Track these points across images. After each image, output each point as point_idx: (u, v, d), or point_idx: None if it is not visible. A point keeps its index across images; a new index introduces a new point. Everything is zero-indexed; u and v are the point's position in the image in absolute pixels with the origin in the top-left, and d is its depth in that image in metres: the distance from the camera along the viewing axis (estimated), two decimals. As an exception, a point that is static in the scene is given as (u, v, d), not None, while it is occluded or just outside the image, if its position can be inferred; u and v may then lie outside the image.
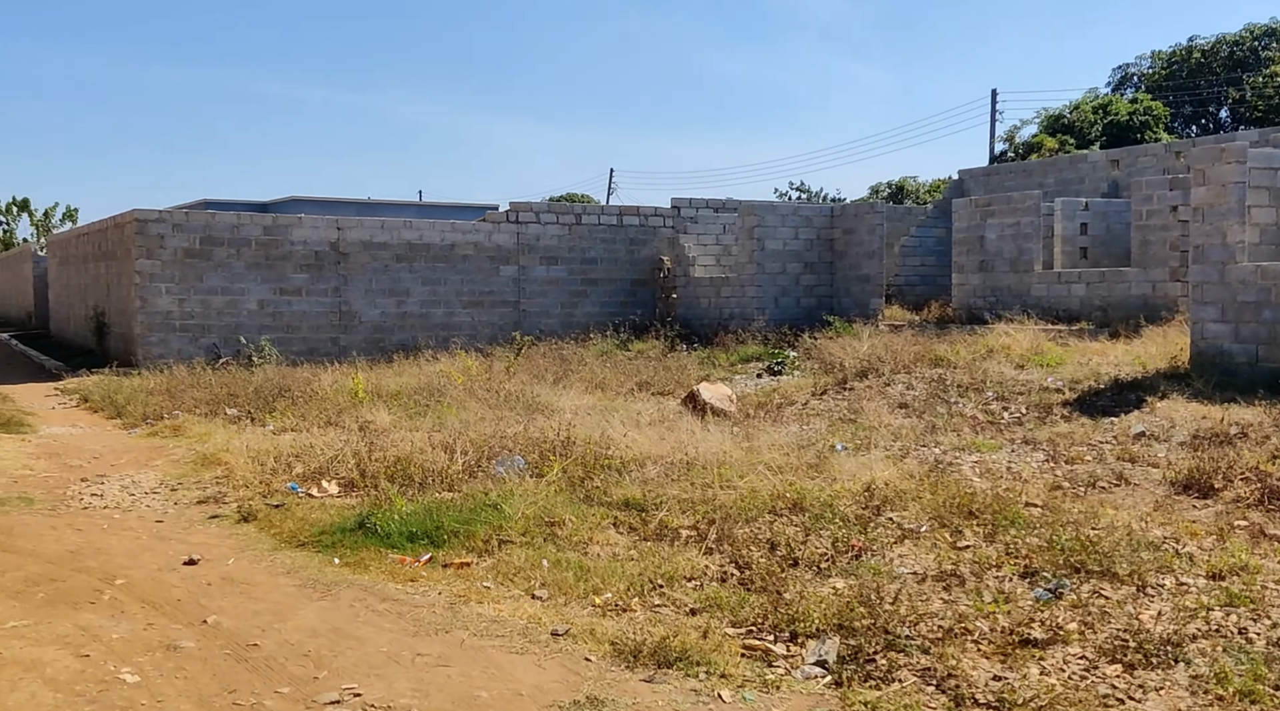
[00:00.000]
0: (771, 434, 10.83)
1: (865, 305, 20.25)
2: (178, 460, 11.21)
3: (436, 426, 11.76)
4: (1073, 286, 17.17)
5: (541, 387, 15.06)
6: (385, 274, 22.17)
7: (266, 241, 21.27)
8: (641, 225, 24.37)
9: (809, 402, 13.53)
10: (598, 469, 9.15)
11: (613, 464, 9.28)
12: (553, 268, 23.59)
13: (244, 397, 15.14)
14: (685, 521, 7.44)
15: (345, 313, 21.93)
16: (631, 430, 10.82)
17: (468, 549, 7.09)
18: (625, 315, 23.59)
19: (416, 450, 10.07)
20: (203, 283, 20.81)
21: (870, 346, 15.18)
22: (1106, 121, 30.99)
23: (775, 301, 20.92)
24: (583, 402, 13.86)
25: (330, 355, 21.33)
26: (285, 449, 10.78)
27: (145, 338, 20.42)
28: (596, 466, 9.19)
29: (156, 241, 20.50)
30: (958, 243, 19.35)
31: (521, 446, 10.23)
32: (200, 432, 12.37)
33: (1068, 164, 23.31)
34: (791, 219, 20.97)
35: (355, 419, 12.80)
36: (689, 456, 9.31)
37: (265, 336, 20.83)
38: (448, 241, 22.66)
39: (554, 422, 12.09)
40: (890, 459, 9.38)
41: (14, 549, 7.53)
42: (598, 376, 16.23)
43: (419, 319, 22.48)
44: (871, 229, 20.23)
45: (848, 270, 20.82)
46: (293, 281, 21.47)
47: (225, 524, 8.47)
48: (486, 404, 13.77)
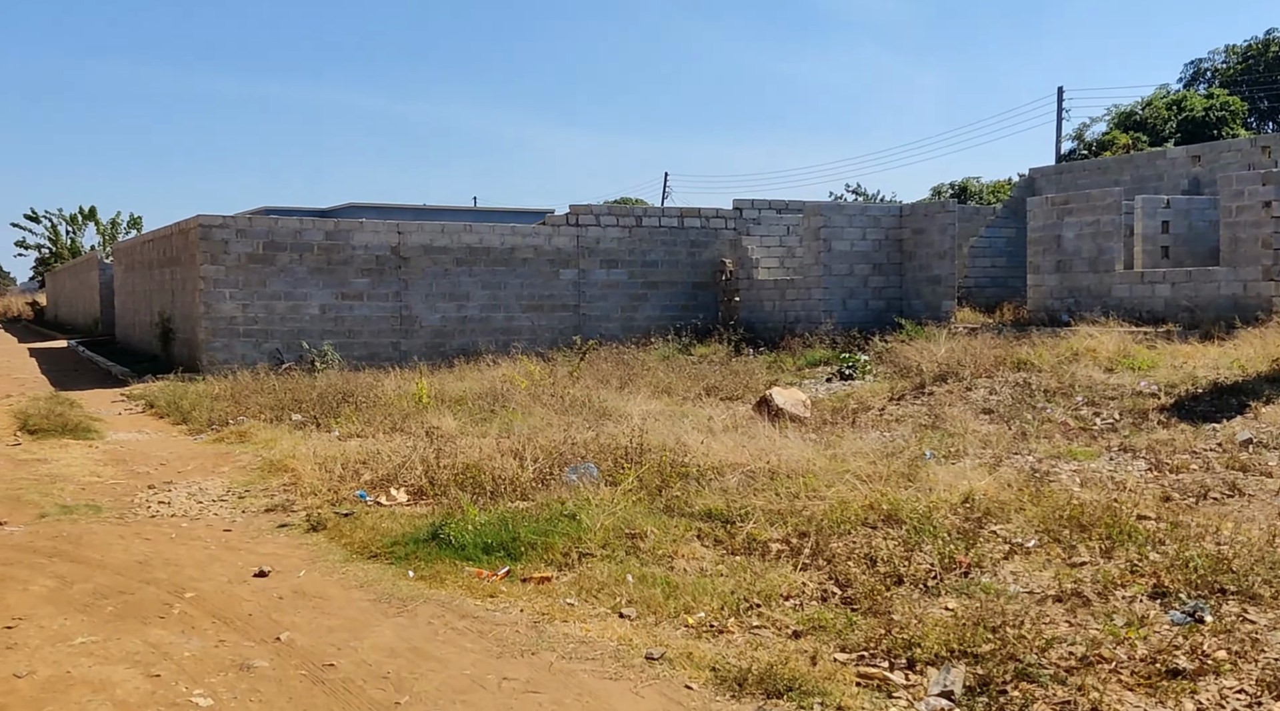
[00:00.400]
0: (853, 441, 10.38)
1: (936, 307, 19.67)
2: (244, 466, 11.04)
3: (504, 432, 11.47)
4: (1157, 287, 16.47)
5: (607, 392, 14.73)
6: (445, 278, 22.01)
7: (328, 246, 21.21)
8: (702, 227, 23.97)
9: (886, 408, 13.04)
10: (674, 477, 8.79)
11: (690, 472, 8.90)
12: (613, 271, 23.28)
13: (308, 403, 15.00)
14: (774, 534, 7.04)
15: (406, 317, 21.80)
16: (706, 437, 10.44)
17: (546, 562, 6.75)
18: (686, 319, 23.21)
19: (485, 457, 9.78)
20: (266, 287, 20.79)
21: (948, 350, 14.64)
22: (1181, 118, 29.99)
23: (843, 304, 20.40)
24: (650, 408, 13.50)
25: (391, 360, 21.22)
26: (352, 455, 10.55)
27: (209, 343, 20.44)
28: (673, 475, 8.83)
29: (220, 247, 20.51)
30: (1033, 242, 18.70)
31: (593, 453, 9.90)
32: (266, 438, 12.20)
33: (1145, 161, 22.50)
34: (859, 219, 20.45)
35: (421, 424, 12.57)
36: (770, 464, 8.90)
37: (327, 341, 20.76)
38: (507, 245, 22.45)
39: (623, 428, 11.76)
40: (984, 468, 8.89)
41: (82, 559, 7.34)
42: (663, 381, 15.87)
43: (479, 323, 22.29)
44: (943, 229, 19.64)
45: (917, 271, 20.25)
46: (354, 286, 21.39)
47: (294, 533, 8.22)
48: (553, 409, 13.47)
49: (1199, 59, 37.11)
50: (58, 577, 6.86)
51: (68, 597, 6.41)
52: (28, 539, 7.97)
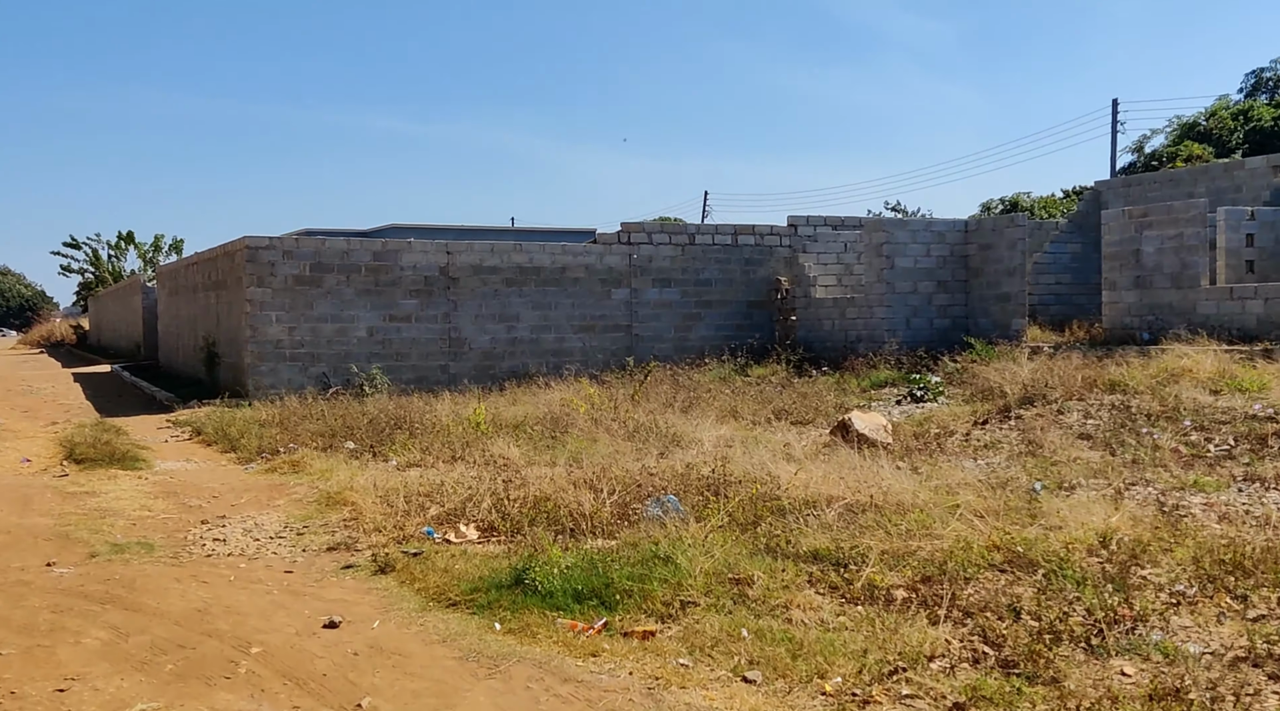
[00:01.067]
0: (950, 470, 9.65)
1: (1006, 326, 18.87)
2: (300, 499, 10.48)
3: (572, 461, 10.85)
4: (1248, 303, 15.60)
5: (671, 416, 14.08)
6: (495, 299, 21.49)
7: (376, 267, 20.77)
8: (757, 245, 23.32)
9: (971, 433, 12.30)
10: (767, 512, 8.12)
11: (784, 506, 8.23)
12: (665, 290, 22.67)
13: (360, 430, 14.47)
14: (895, 579, 6.34)
15: (455, 339, 21.29)
16: (791, 465, 9.76)
17: (646, 612, 6.09)
18: (741, 339, 22.54)
19: (557, 489, 9.16)
20: (312, 310, 20.37)
21: (1031, 370, 13.87)
22: (1249, 128, 29.04)
23: (906, 322, 19.65)
24: (720, 433, 12.83)
25: (440, 383, 20.71)
26: (414, 487, 9.96)
27: (255, 367, 20.02)
28: (766, 509, 8.16)
29: (267, 269, 20.12)
30: (1109, 257, 17.88)
31: (672, 484, 9.25)
32: (321, 469, 11.65)
33: (1221, 172, 21.59)
34: (923, 235, 19.72)
35: (482, 453, 11.98)
36: (871, 498, 8.20)
37: (375, 364, 20.29)
38: (558, 264, 21.91)
39: (698, 455, 11.11)
40: (1105, 501, 8.14)
41: (138, 607, 6.77)
42: (728, 404, 15.20)
43: (529, 344, 21.74)
44: (1012, 244, 18.86)
45: (984, 288, 19.47)
46: (402, 307, 20.92)
47: (361, 575, 7.62)
48: (618, 435, 12.84)
49: (1260, 68, 36.10)
50: (112, 628, 6.29)
51: (124, 652, 5.83)
52: (79, 582, 7.42)
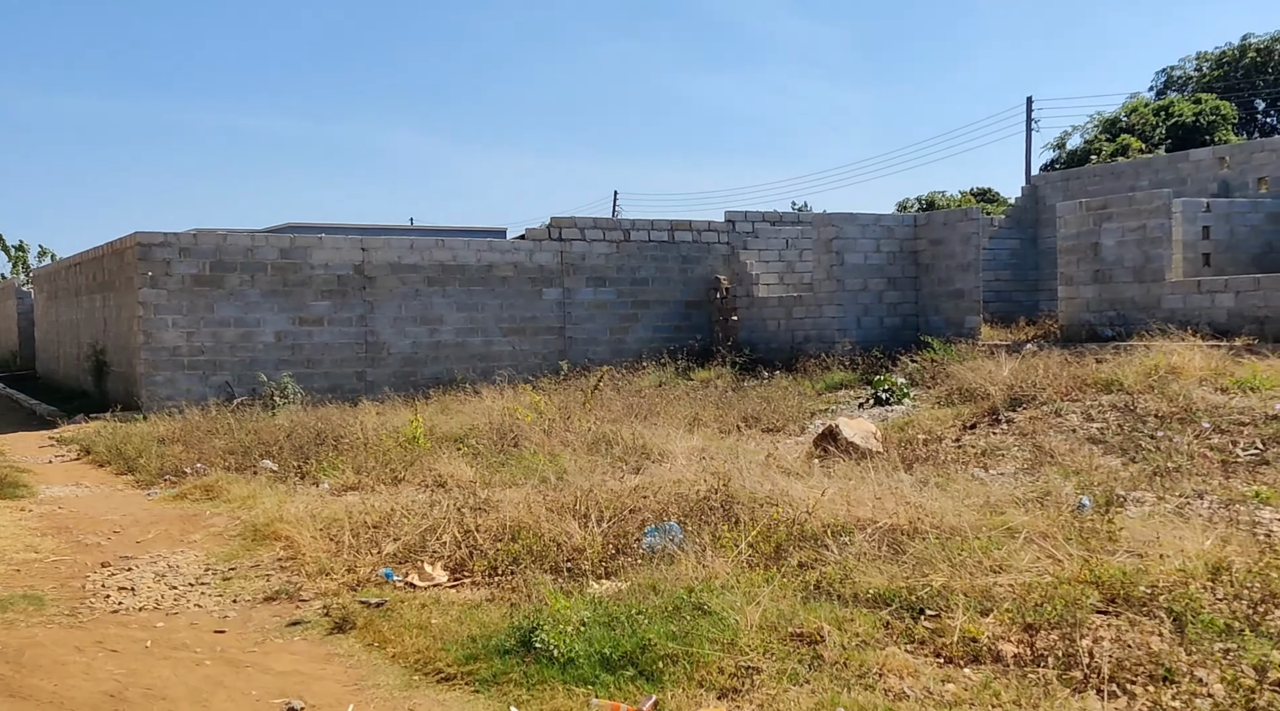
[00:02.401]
0: (968, 483, 8.63)
1: (959, 323, 18.13)
2: (220, 533, 8.91)
3: (540, 481, 9.51)
4: (1218, 296, 15.08)
5: (631, 426, 12.83)
6: (416, 299, 19.93)
7: (283, 265, 19.02)
8: (694, 241, 22.22)
9: (962, 439, 11.35)
10: (789, 539, 6.95)
11: (808, 532, 7.06)
12: (600, 289, 21.39)
13: (278, 447, 12.85)
14: (993, 628, 5.22)
15: (372, 343, 19.66)
16: (789, 480, 8.61)
17: (700, 683, 4.84)
18: (680, 340, 21.41)
19: (535, 517, 7.83)
20: (214, 313, 18.53)
21: (1012, 370, 13.02)
22: (1169, 123, 29.14)
23: (857, 321, 18.77)
24: (691, 444, 11.64)
25: (356, 391, 19.08)
26: (357, 516, 8.51)
27: (149, 377, 18.10)
28: (788, 536, 6.98)
29: (162, 267, 18.22)
30: (1066, 251, 17.27)
31: (668, 507, 8.00)
32: (241, 494, 10.06)
33: (1166, 164, 21.29)
34: (873, 230, 18.86)
35: (428, 472, 10.55)
36: (909, 521, 7.09)
37: (285, 372, 18.54)
38: (485, 262, 20.46)
39: (674, 470, 9.90)
40: (1170, 517, 7.18)
41: (27, 692, 5.24)
42: (688, 411, 14.01)
43: (454, 349, 20.23)
44: (965, 238, 18.13)
45: (936, 285, 18.70)
46: (313, 310, 19.21)
47: (313, 635, 6.19)
48: (579, 449, 11.54)
49: (1170, 66, 36.61)
50: (-6, 729, 4.77)
51: (12, 768, 4.34)
52: (-54, 658, 5.83)
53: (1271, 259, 17.51)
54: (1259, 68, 33.56)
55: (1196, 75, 35.28)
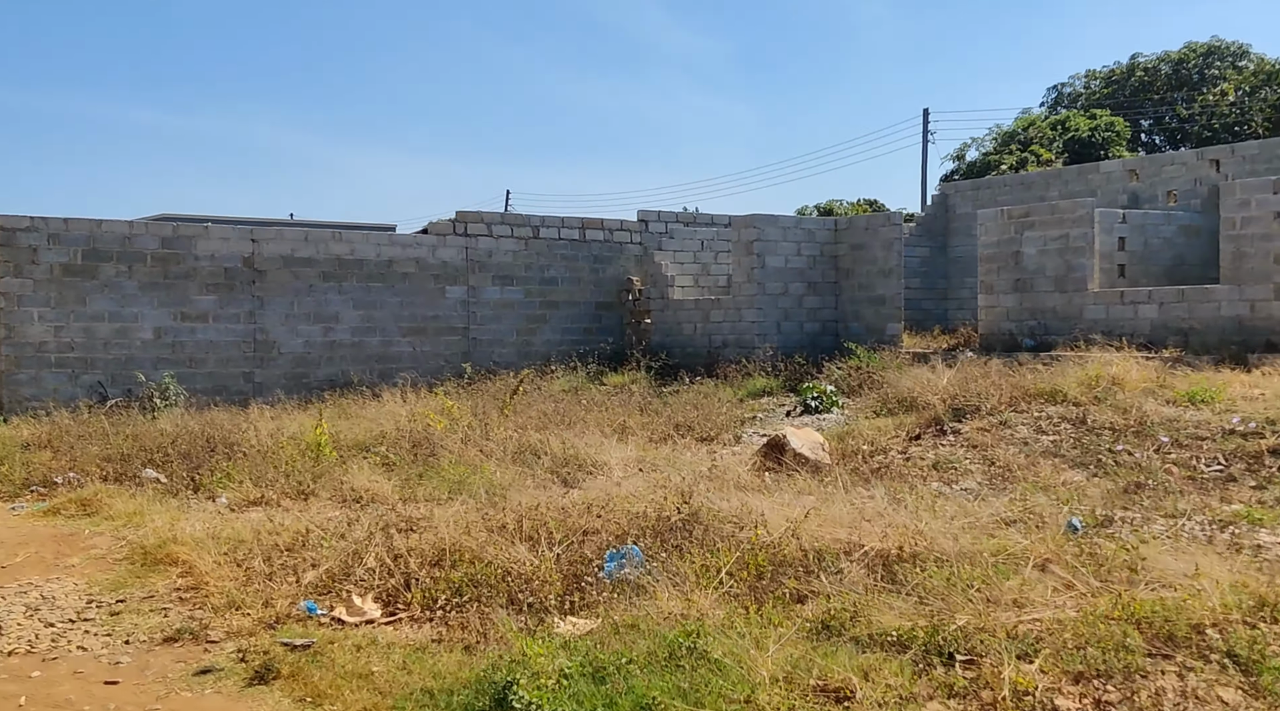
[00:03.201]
0: (939, 500, 8.07)
1: (880, 331, 17.79)
2: (104, 557, 7.74)
3: (468, 497, 8.60)
4: (1141, 307, 15.03)
5: (555, 434, 11.99)
6: (309, 295, 18.64)
7: (165, 256, 17.52)
8: (606, 241, 21.44)
9: (909, 450, 10.85)
10: (767, 565, 6.24)
11: (787, 558, 6.36)
12: (507, 288, 20.42)
13: (162, 454, 11.59)
14: (1040, 678, 4.58)
15: (261, 342, 18.29)
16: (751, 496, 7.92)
17: (720, 752, 4.06)
18: (590, 343, 20.58)
19: (473, 539, 6.94)
20: (85, 307, 16.92)
21: (950, 378, 12.63)
22: (1066, 137, 29.67)
23: (777, 326, 18.27)
24: (626, 454, 10.87)
25: (244, 393, 17.71)
26: (266, 537, 7.48)
27: (11, 375, 16.40)
28: (766, 562, 6.26)
29: (27, 255, 16.54)
30: (986, 259, 17.10)
31: (623, 527, 7.21)
32: (125, 510, 8.85)
33: (1075, 175, 21.44)
34: (794, 232, 18.40)
35: (340, 486, 9.52)
36: (899, 545, 6.45)
37: (165, 371, 17.05)
38: (384, 257, 19.28)
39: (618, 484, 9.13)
40: (1173, 542, 6.72)
41: None
42: (614, 419, 13.21)
43: (350, 349, 18.99)
44: (887, 244, 17.81)
45: (856, 291, 18.34)
46: (197, 305, 17.75)
47: (229, 685, 5.19)
48: (503, 459, 10.64)
49: (1060, 83, 37.53)
50: None
51: None
52: None
53: (1182, 271, 17.68)
54: (1145, 86, 34.65)
55: (1085, 92, 36.23)
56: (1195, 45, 34.77)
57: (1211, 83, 33.31)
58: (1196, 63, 34.48)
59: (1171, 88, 34.18)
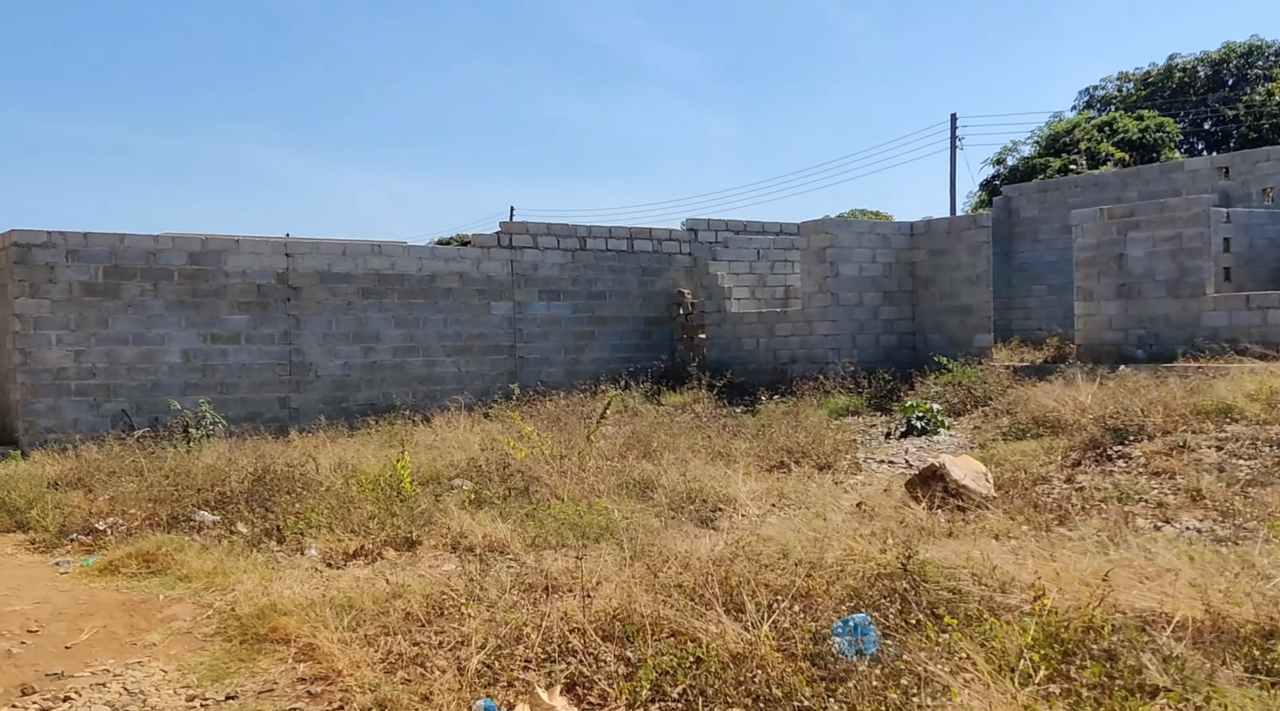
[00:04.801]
0: (1194, 548, 6.77)
1: (966, 342, 16.51)
2: (190, 631, 6.34)
3: (603, 544, 7.26)
4: (1270, 313, 13.80)
5: (653, 462, 10.66)
6: (348, 313, 17.29)
7: (193, 273, 16.15)
8: (654, 251, 20.15)
9: (1075, 478, 9.55)
10: (1049, 647, 4.91)
11: (1072, 637, 5.04)
12: (554, 304, 19.09)
13: (216, 493, 10.19)
14: None
15: (298, 364, 16.92)
16: (957, 544, 6.61)
17: None
18: (640, 361, 19.28)
19: (651, 602, 5.60)
20: (108, 329, 15.53)
21: (1093, 396, 11.35)
22: (1115, 140, 28.59)
23: (852, 340, 16.98)
24: (752, 487, 9.54)
25: (279, 420, 16.34)
26: (389, 603, 6.12)
27: (28, 405, 14.99)
28: (1047, 643, 4.94)
29: (44, 273, 15.15)
30: (1084, 264, 15.86)
31: (825, 586, 5.88)
32: (202, 568, 7.45)
33: (1157, 174, 20.26)
34: (868, 238, 17.14)
35: (443, 530, 8.15)
36: (1202, 613, 5.13)
37: (194, 398, 15.66)
38: (426, 271, 17.95)
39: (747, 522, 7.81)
40: None
41: None
42: (713, 445, 11.88)
43: (392, 370, 17.63)
44: (975, 248, 16.55)
45: (937, 300, 17.07)
46: (228, 325, 16.38)
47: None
48: (609, 494, 9.30)
49: (1093, 86, 36.50)
50: None
51: None
52: None
53: (1290, 274, 16.49)
54: (1184, 87, 33.67)
55: (1120, 95, 35.23)
56: (1234, 45, 33.81)
57: (1253, 83, 32.35)
58: (1237, 63, 33.51)
59: (1210, 88, 33.21)
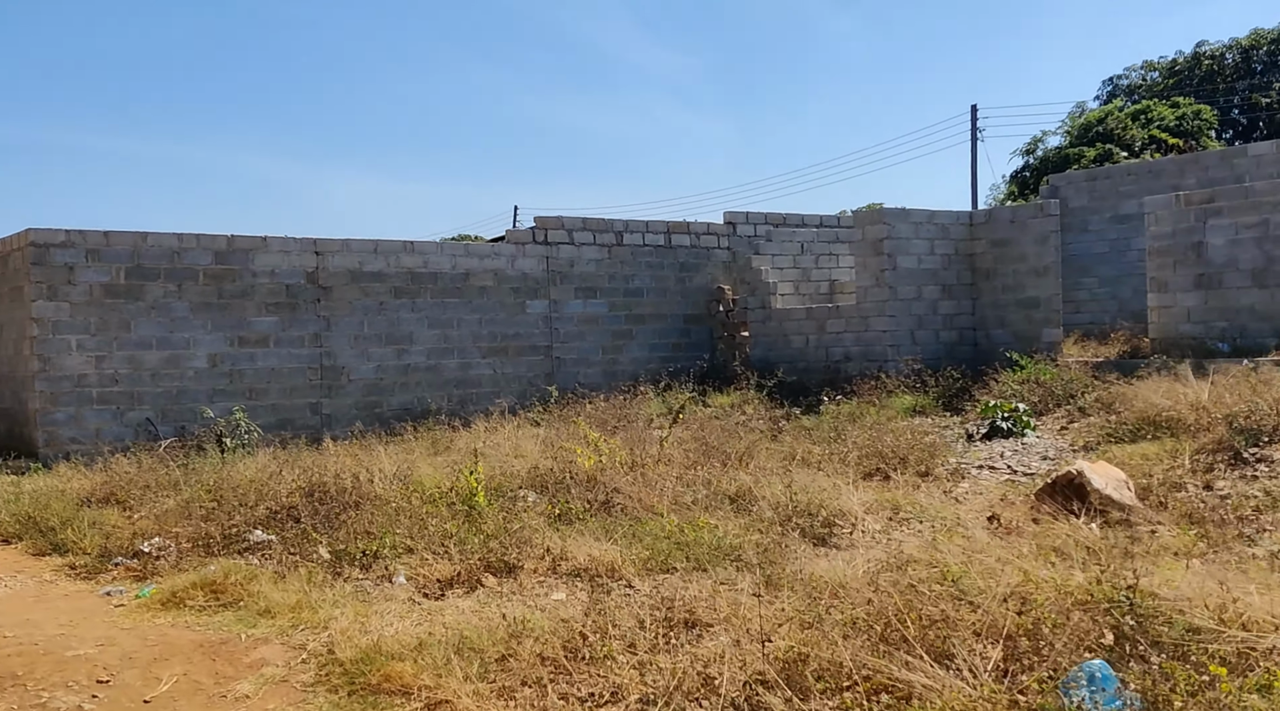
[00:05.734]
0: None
1: (1033, 338, 15.70)
2: (285, 679, 5.50)
3: (724, 567, 6.45)
4: (1371, 304, 13.04)
5: (739, 472, 9.85)
6: (380, 314, 16.44)
7: (219, 272, 15.29)
8: (693, 246, 19.34)
9: (1213, 484, 8.76)
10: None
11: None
12: (591, 301, 18.27)
13: (264, 509, 9.34)
14: None
15: (329, 368, 16.07)
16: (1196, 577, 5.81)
17: None
18: (680, 361, 18.46)
19: (850, 649, 4.79)
20: (130, 332, 14.67)
21: (1210, 393, 10.57)
22: (1153, 128, 27.87)
23: (911, 336, 16.18)
24: (863, 498, 8.73)
25: (311, 427, 15.51)
26: (521, 644, 5.30)
27: (48, 414, 14.12)
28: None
29: (63, 274, 14.28)
30: (1158, 253, 15.08)
31: (1035, 625, 5.07)
32: (284, 601, 6.59)
33: (1218, 161, 19.50)
34: (926, 228, 16.34)
35: (547, 555, 7.33)
36: None
37: (222, 404, 14.80)
38: (460, 269, 17.10)
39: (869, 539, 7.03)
40: None
41: None
42: (790, 451, 11.06)
43: (426, 373, 16.79)
44: (1042, 238, 15.75)
45: (1000, 293, 16.27)
46: (256, 327, 15.53)
47: None
48: (700, 508, 8.48)
49: (1116, 75, 35.80)
50: None
51: None
52: None
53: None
54: (1211, 75, 32.98)
55: (1145, 83, 34.53)
56: (1264, 32, 33.11)
57: (1283, 70, 31.72)
58: (1268, 49, 32.81)
59: (1239, 76, 32.55)
